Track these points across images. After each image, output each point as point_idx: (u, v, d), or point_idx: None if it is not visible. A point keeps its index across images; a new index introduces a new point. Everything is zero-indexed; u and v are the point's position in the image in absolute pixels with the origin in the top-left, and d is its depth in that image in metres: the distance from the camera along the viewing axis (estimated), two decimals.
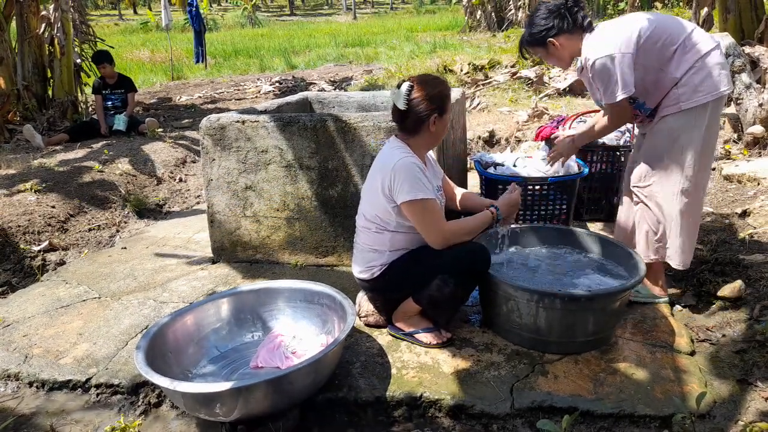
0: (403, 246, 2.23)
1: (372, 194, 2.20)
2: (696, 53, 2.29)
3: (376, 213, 2.20)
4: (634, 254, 2.35)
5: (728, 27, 5.55)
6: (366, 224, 2.25)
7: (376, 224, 2.21)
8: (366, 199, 2.27)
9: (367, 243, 2.27)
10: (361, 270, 2.30)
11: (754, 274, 2.59)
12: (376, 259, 2.25)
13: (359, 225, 2.31)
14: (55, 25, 6.62)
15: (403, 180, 2.08)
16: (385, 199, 2.14)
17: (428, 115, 2.12)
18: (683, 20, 2.42)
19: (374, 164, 2.27)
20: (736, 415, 1.88)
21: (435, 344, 2.25)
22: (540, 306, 2.09)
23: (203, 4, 17.28)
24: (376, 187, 2.17)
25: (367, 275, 2.27)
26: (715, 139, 2.42)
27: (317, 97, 3.92)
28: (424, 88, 2.11)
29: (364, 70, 11.30)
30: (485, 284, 2.36)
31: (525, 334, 2.21)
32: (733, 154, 4.05)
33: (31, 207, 3.77)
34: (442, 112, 2.15)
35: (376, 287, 2.31)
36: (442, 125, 2.18)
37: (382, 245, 2.23)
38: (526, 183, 3.02)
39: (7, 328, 2.58)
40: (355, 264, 2.35)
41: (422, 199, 2.08)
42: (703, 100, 2.28)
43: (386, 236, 2.21)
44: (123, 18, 34.30)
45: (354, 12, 31.02)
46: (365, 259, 2.28)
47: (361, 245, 2.30)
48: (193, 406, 1.88)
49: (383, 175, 2.13)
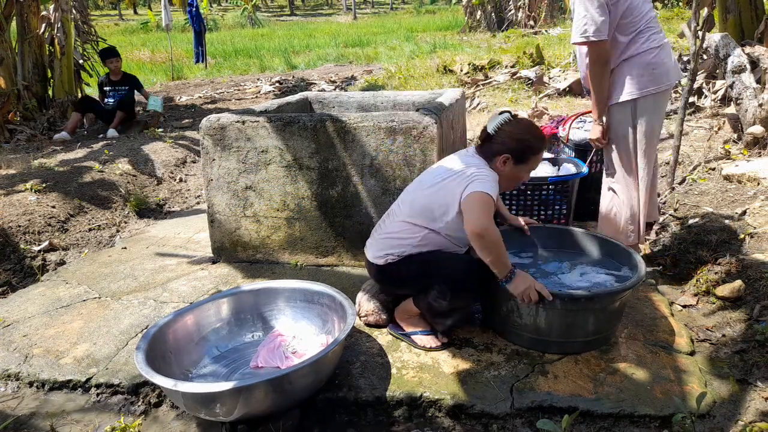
0: (430, 246, 2.20)
1: (435, 189, 2.16)
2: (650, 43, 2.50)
3: (431, 207, 2.15)
4: (633, 253, 2.35)
5: (728, 27, 5.55)
6: (409, 217, 2.20)
7: (422, 218, 2.17)
8: (423, 192, 2.21)
9: (395, 232, 2.22)
10: (377, 255, 2.25)
11: (754, 274, 2.59)
12: (397, 248, 2.21)
13: (397, 215, 2.26)
14: (56, 25, 6.62)
15: (484, 177, 2.07)
16: (453, 198, 2.10)
17: (502, 152, 2.13)
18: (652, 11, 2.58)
19: (450, 161, 2.23)
20: (736, 415, 1.89)
21: (429, 348, 2.25)
22: (540, 306, 2.09)
23: (203, 5, 17.30)
24: (445, 184, 2.13)
25: (381, 261, 2.23)
26: (650, 133, 2.63)
27: (317, 97, 3.93)
28: (517, 129, 2.13)
29: (364, 70, 11.30)
30: None
31: (525, 335, 2.21)
32: (732, 154, 4.05)
33: (32, 207, 3.77)
34: (517, 160, 2.14)
35: (383, 276, 2.28)
36: (511, 171, 2.16)
37: (411, 238, 2.19)
38: (525, 183, 3.03)
39: (7, 328, 2.58)
40: (370, 248, 2.30)
41: (489, 194, 2.03)
42: (629, 97, 2.54)
43: (422, 232, 2.17)
44: (123, 18, 34.30)
45: (354, 12, 31.02)
46: (386, 245, 2.23)
47: (386, 232, 2.26)
48: (193, 406, 1.88)
49: (463, 174, 2.10)
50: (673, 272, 2.95)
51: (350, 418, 2.01)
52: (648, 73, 2.52)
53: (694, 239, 3.06)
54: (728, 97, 4.96)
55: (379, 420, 2.00)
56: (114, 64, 6.46)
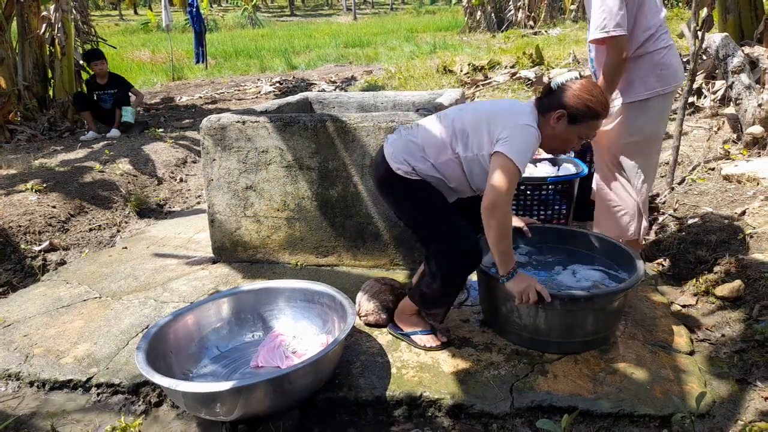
0: (446, 175, 2.12)
1: (479, 118, 2.07)
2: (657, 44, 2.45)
3: (467, 132, 2.06)
4: (632, 252, 2.35)
5: (728, 27, 5.56)
6: (445, 132, 2.10)
7: (456, 139, 2.08)
8: (466, 115, 2.11)
9: (425, 141, 2.11)
10: (395, 156, 2.12)
11: (754, 274, 2.59)
12: (419, 160, 2.10)
13: (433, 126, 2.14)
14: (56, 26, 6.62)
15: (518, 140, 1.97)
16: (486, 133, 2.03)
17: (559, 107, 2.00)
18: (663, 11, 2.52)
19: (504, 102, 2.20)
20: (735, 414, 1.89)
21: (429, 347, 2.25)
22: (539, 307, 2.10)
23: (203, 5, 17.30)
24: (492, 118, 2.04)
25: (396, 165, 2.11)
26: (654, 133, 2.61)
27: (317, 97, 3.93)
28: (581, 88, 1.99)
29: (365, 70, 11.31)
30: (485, 284, 2.37)
31: (525, 335, 2.22)
32: (732, 154, 4.05)
33: (32, 207, 3.78)
34: (572, 119, 2.00)
35: (388, 182, 2.16)
36: (563, 130, 2.03)
37: (436, 155, 2.09)
38: (525, 183, 3.03)
39: (8, 328, 2.58)
40: (392, 144, 2.17)
41: (517, 166, 1.94)
42: (635, 98, 2.49)
43: (447, 155, 2.08)
44: (123, 18, 34.30)
45: (354, 12, 31.03)
46: (408, 150, 2.12)
47: (415, 136, 2.14)
48: (193, 406, 1.89)
49: (505, 122, 2.01)
50: (673, 272, 2.95)
51: (350, 417, 2.01)
52: (656, 73, 2.46)
53: (693, 239, 3.06)
54: (728, 97, 4.96)
55: (379, 420, 2.00)
56: (99, 67, 6.24)
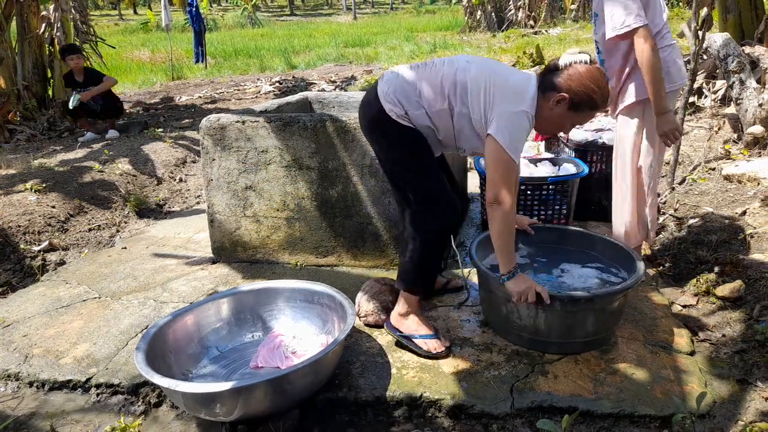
0: (437, 125, 2.05)
1: (483, 86, 1.96)
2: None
3: (469, 90, 1.97)
4: (632, 253, 2.35)
5: (728, 27, 5.55)
6: (446, 81, 1.99)
7: (455, 93, 1.99)
8: (470, 74, 1.99)
9: (423, 85, 2.01)
10: (389, 96, 2.03)
11: (754, 274, 2.59)
12: (412, 105, 2.02)
13: (436, 71, 2.03)
14: (56, 25, 6.62)
15: (511, 128, 1.91)
16: (482, 100, 1.95)
17: (562, 90, 1.93)
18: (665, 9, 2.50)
19: (510, 75, 2.02)
20: (736, 415, 1.89)
21: (436, 354, 2.16)
22: (539, 308, 2.09)
23: (203, 4, 17.30)
24: (491, 85, 1.95)
25: (387, 106, 2.02)
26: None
27: (317, 97, 3.92)
28: (589, 74, 1.93)
29: (365, 70, 11.31)
30: (485, 284, 2.36)
31: (525, 335, 2.21)
32: (733, 154, 4.05)
33: (31, 207, 3.77)
34: (573, 105, 1.95)
35: (378, 123, 2.07)
36: (560, 115, 1.98)
37: (430, 103, 2.01)
38: (525, 183, 3.03)
39: (7, 328, 2.58)
40: (387, 83, 2.07)
41: (510, 155, 1.90)
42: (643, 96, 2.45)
43: (443, 104, 2.00)
44: (123, 18, 34.29)
45: (354, 12, 31.02)
46: (404, 93, 2.02)
47: (412, 82, 2.03)
48: (193, 407, 1.88)
49: (503, 102, 1.93)
50: (674, 272, 2.95)
51: (350, 418, 2.01)
52: (665, 70, 2.42)
53: (694, 239, 3.06)
54: (728, 97, 4.96)
55: (379, 420, 2.00)
56: (74, 62, 5.89)
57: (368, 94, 2.15)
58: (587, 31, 12.82)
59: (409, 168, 2.11)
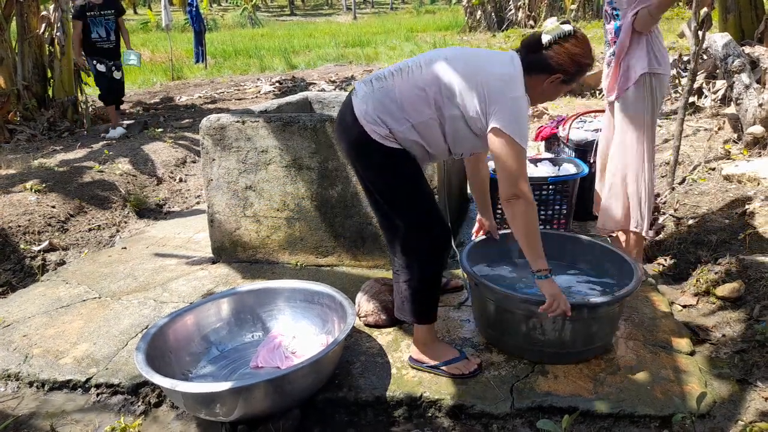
0: (425, 138, 1.89)
1: (468, 79, 1.83)
2: None
3: (455, 89, 1.83)
4: (627, 258, 2.32)
5: (728, 27, 5.55)
6: (428, 85, 1.84)
7: (441, 96, 1.84)
8: (452, 69, 1.84)
9: (403, 95, 1.85)
10: (368, 118, 1.85)
11: (754, 274, 2.59)
12: (396, 121, 1.85)
13: (413, 76, 1.87)
14: (55, 25, 6.61)
15: (515, 115, 1.80)
16: (475, 98, 1.81)
17: (555, 71, 1.85)
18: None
19: (494, 63, 1.88)
20: (736, 415, 1.89)
21: (471, 373, 2.04)
22: (566, 320, 2.01)
23: (203, 4, 17.29)
24: (480, 80, 1.82)
25: (369, 128, 1.85)
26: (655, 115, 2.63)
27: (317, 97, 3.92)
28: (578, 48, 1.83)
29: (365, 70, 11.31)
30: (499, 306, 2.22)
31: (548, 350, 2.10)
32: (733, 154, 4.05)
33: (31, 207, 3.77)
34: (567, 80, 1.88)
35: (364, 153, 1.91)
36: (554, 89, 1.91)
37: (415, 111, 1.84)
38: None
39: (7, 328, 2.58)
40: (365, 100, 1.88)
41: (519, 144, 1.80)
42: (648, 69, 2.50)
43: (429, 113, 1.84)
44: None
45: (354, 12, 31.00)
46: (384, 109, 1.85)
47: (392, 95, 1.86)
48: (193, 406, 1.88)
49: (498, 93, 1.81)
50: (674, 272, 2.95)
51: (350, 418, 2.01)
52: (661, 52, 2.52)
53: (694, 239, 3.06)
54: (728, 97, 4.96)
55: (379, 420, 2.00)
56: None
57: (343, 114, 1.95)
58: (587, 30, 12.83)
59: (397, 192, 1.94)
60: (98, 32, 5.94)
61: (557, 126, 3.83)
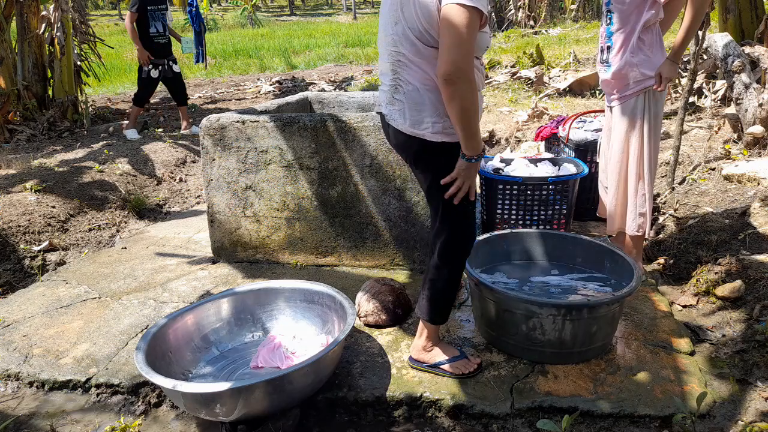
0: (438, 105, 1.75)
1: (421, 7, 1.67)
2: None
3: (425, 28, 1.69)
4: (627, 258, 2.33)
5: (728, 27, 5.55)
6: (414, 53, 1.72)
7: (420, 54, 1.72)
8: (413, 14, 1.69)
9: (415, 80, 1.76)
10: (415, 124, 1.78)
11: (754, 274, 2.59)
12: (430, 111, 1.77)
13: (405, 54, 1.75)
14: (55, 25, 6.61)
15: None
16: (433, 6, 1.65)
17: None
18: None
19: None
20: (736, 415, 1.89)
21: (470, 373, 2.07)
22: (567, 318, 2.04)
23: (203, 4, 17.28)
24: None
25: (420, 132, 1.78)
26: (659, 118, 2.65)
27: (317, 97, 3.92)
28: None
29: (365, 70, 11.30)
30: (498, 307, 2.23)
31: (548, 351, 2.13)
32: (733, 154, 4.05)
33: (31, 207, 3.77)
34: None
35: (428, 158, 1.84)
36: None
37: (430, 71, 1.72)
38: (525, 183, 3.03)
39: (7, 328, 2.58)
40: (413, 121, 1.80)
41: (474, 7, 1.56)
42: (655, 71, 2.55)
43: (423, 74, 1.74)
44: (123, 18, 34.30)
45: (354, 12, 31.00)
46: (415, 107, 1.78)
47: (410, 89, 1.78)
48: (193, 406, 1.88)
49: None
50: (674, 272, 2.95)
51: (350, 418, 2.01)
52: (659, 58, 2.54)
53: (694, 239, 3.06)
54: (728, 97, 4.96)
55: (379, 420, 2.00)
56: None
57: (395, 133, 1.87)
58: (587, 31, 12.82)
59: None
60: (156, 27, 5.73)
61: (557, 126, 3.83)
